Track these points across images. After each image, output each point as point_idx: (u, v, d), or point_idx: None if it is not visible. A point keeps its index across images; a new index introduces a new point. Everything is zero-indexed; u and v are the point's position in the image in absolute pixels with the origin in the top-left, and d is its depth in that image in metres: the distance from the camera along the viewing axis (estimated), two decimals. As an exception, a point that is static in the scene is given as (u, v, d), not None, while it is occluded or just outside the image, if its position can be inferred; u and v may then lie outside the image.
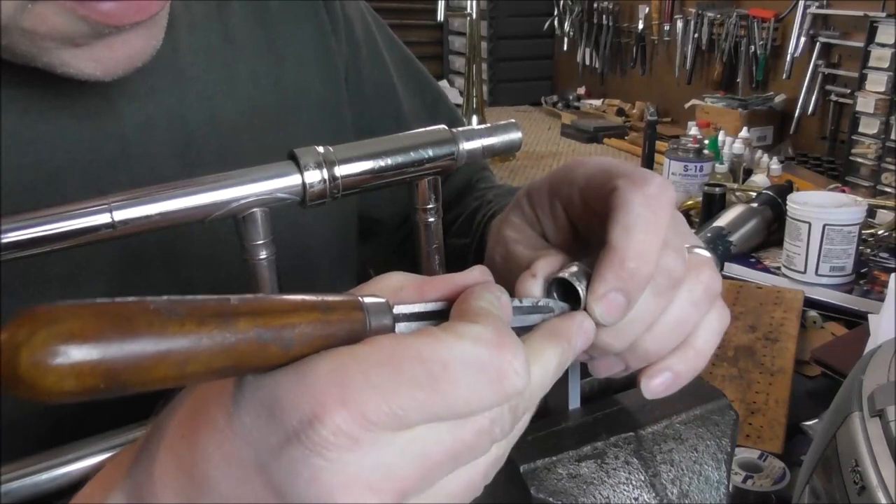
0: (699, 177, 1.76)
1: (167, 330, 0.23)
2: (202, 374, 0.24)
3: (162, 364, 0.23)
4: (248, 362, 0.25)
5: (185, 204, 0.38)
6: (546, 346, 0.29)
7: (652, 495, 0.37)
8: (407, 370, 0.25)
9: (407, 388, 0.24)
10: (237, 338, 0.24)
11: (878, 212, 1.54)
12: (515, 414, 0.27)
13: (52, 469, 0.36)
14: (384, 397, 0.24)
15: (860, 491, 0.48)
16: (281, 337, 0.25)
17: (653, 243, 0.32)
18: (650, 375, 0.35)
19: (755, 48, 4.46)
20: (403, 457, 0.25)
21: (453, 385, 0.25)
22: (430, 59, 6.56)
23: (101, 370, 0.21)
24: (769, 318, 1.02)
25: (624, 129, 5.13)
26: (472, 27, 4.94)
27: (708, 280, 0.35)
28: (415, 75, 0.72)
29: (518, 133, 0.47)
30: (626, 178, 0.33)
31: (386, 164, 0.43)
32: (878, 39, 3.33)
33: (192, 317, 0.23)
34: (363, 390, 0.24)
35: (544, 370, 0.29)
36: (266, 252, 0.41)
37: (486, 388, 0.25)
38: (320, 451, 0.24)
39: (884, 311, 0.94)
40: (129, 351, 0.22)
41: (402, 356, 0.25)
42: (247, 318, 0.24)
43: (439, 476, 0.26)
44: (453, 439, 0.26)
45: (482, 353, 0.26)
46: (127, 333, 0.22)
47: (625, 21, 5.63)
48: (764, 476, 0.74)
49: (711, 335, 0.36)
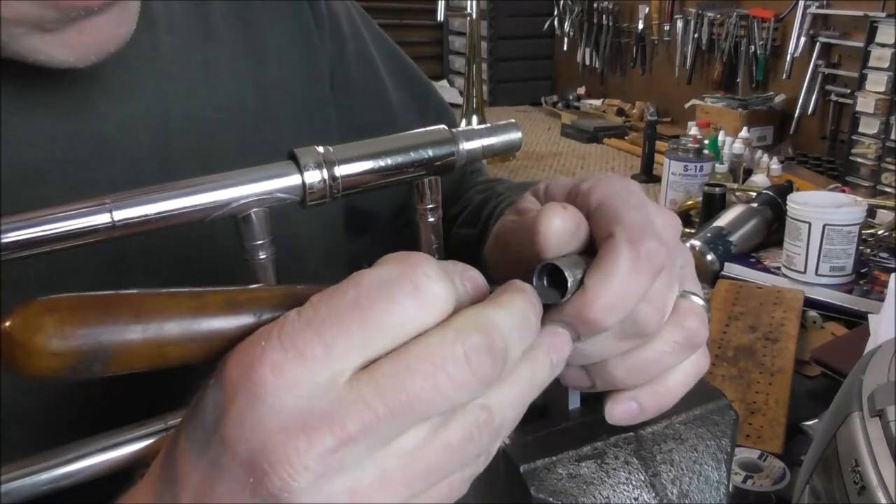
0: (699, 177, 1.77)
1: (142, 305, 0.25)
2: (179, 346, 0.25)
3: (142, 339, 0.25)
4: (222, 340, 0.26)
5: (185, 204, 0.38)
6: (504, 293, 0.29)
7: (652, 495, 0.37)
8: (333, 303, 0.26)
9: (334, 318, 0.25)
10: (209, 312, 0.26)
11: (878, 212, 1.54)
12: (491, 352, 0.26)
13: (52, 469, 0.36)
14: (316, 330, 0.25)
15: (860, 491, 0.48)
16: (249, 310, 0.26)
17: (624, 300, 0.31)
18: (615, 401, 0.35)
19: (755, 48, 4.46)
20: (343, 400, 0.25)
21: (373, 304, 0.25)
22: (430, 59, 6.57)
23: (86, 343, 0.24)
24: (769, 318, 1.02)
25: (624, 129, 5.14)
26: (472, 27, 4.95)
27: (692, 328, 0.34)
28: (403, 69, 0.72)
29: (518, 133, 0.47)
30: (625, 230, 0.32)
31: (386, 164, 0.43)
32: (878, 39, 3.33)
33: (165, 298, 0.26)
34: (297, 329, 0.25)
35: (508, 312, 0.27)
36: (266, 252, 0.41)
37: (405, 299, 0.26)
38: (260, 393, 0.24)
39: (884, 311, 0.94)
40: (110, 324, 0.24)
41: (330, 294, 0.26)
42: (218, 300, 0.26)
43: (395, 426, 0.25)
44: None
45: (391, 269, 0.26)
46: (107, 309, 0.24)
47: (625, 21, 5.64)
48: (764, 476, 0.74)
49: (685, 377, 0.36)
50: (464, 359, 0.25)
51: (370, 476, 0.25)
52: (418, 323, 0.26)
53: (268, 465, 0.24)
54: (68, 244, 0.36)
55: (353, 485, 0.25)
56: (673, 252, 0.35)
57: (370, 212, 0.69)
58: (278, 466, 0.24)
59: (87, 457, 0.37)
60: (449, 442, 0.26)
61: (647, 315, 0.33)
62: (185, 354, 0.26)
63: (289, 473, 0.24)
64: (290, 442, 0.24)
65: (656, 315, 0.33)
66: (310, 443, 0.24)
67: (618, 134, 5.09)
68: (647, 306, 0.33)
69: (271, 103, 0.59)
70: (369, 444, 0.25)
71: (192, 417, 0.27)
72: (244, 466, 0.25)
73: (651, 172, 4.10)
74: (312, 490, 0.24)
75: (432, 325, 0.26)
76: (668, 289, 0.34)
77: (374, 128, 0.47)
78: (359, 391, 0.25)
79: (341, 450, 0.24)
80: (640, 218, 0.32)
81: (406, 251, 0.28)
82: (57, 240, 0.35)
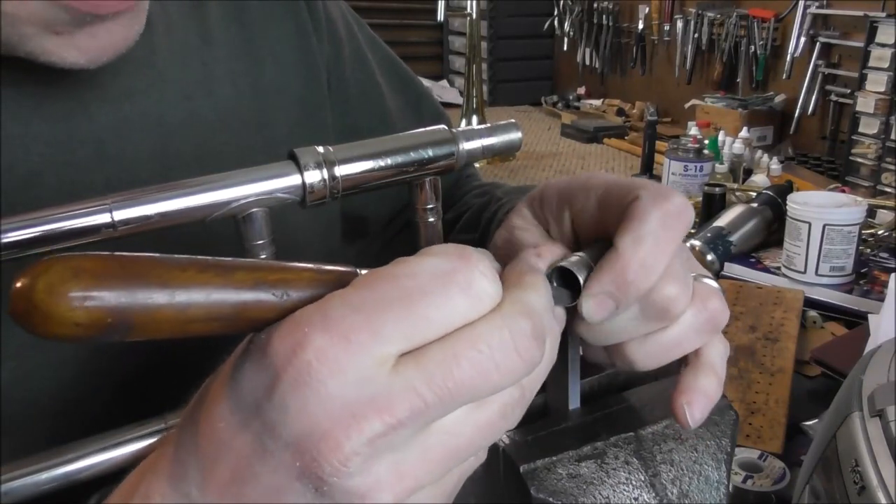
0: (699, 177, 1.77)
1: (171, 273, 0.24)
2: (203, 319, 0.25)
3: (166, 307, 0.24)
4: (247, 313, 0.26)
5: (185, 204, 0.38)
6: (525, 274, 0.29)
7: (652, 495, 0.37)
8: (379, 289, 0.26)
9: (382, 305, 0.25)
10: (236, 286, 0.25)
11: (878, 212, 1.54)
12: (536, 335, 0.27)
13: (52, 469, 0.36)
14: (363, 316, 0.25)
15: (860, 491, 0.48)
16: (276, 289, 0.26)
17: (658, 261, 0.32)
18: (690, 403, 0.35)
19: (755, 48, 4.46)
20: (391, 386, 0.25)
21: (425, 296, 0.26)
22: (430, 59, 6.57)
23: (109, 307, 0.23)
24: (769, 318, 1.02)
25: (624, 129, 5.13)
26: (472, 27, 4.95)
27: (714, 310, 0.34)
28: (398, 73, 0.72)
29: (518, 133, 0.47)
30: (649, 192, 0.33)
31: (386, 164, 0.43)
32: (878, 39, 3.33)
33: (195, 265, 0.25)
34: (342, 313, 0.25)
35: (538, 293, 0.28)
36: (266, 252, 0.41)
37: (457, 295, 0.26)
38: (305, 380, 0.24)
39: (884, 311, 0.94)
40: (136, 289, 0.23)
41: (376, 279, 0.26)
42: (245, 271, 0.26)
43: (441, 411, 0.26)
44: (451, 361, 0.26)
45: (446, 263, 0.27)
46: (134, 275, 0.24)
47: (625, 21, 5.64)
48: (764, 476, 0.74)
49: (720, 359, 0.36)
50: (512, 345, 0.26)
51: (414, 454, 0.26)
52: (467, 317, 0.26)
53: (316, 452, 0.24)
54: (68, 244, 0.36)
55: (398, 463, 0.25)
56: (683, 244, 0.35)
57: (363, 217, 0.69)
58: (328, 453, 0.24)
59: (86, 456, 0.37)
60: (487, 419, 0.27)
61: (673, 295, 0.33)
62: (208, 328, 0.26)
63: (339, 460, 0.24)
64: (339, 429, 0.24)
65: (682, 296, 0.33)
66: (360, 429, 0.24)
67: (618, 134, 5.09)
68: (674, 286, 0.33)
69: (268, 105, 0.58)
70: (416, 427, 0.25)
71: (230, 391, 0.26)
72: (290, 449, 0.25)
73: (651, 172, 4.09)
74: (361, 471, 0.25)
75: (478, 318, 0.26)
76: (687, 270, 0.34)
77: (369, 131, 0.47)
78: (407, 377, 0.25)
79: (390, 434, 0.25)
80: (659, 184, 0.33)
81: (461, 245, 0.28)
82: (57, 239, 0.35)
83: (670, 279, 0.33)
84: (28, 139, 0.46)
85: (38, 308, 0.22)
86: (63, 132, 0.47)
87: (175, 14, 0.54)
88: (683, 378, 0.35)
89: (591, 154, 4.87)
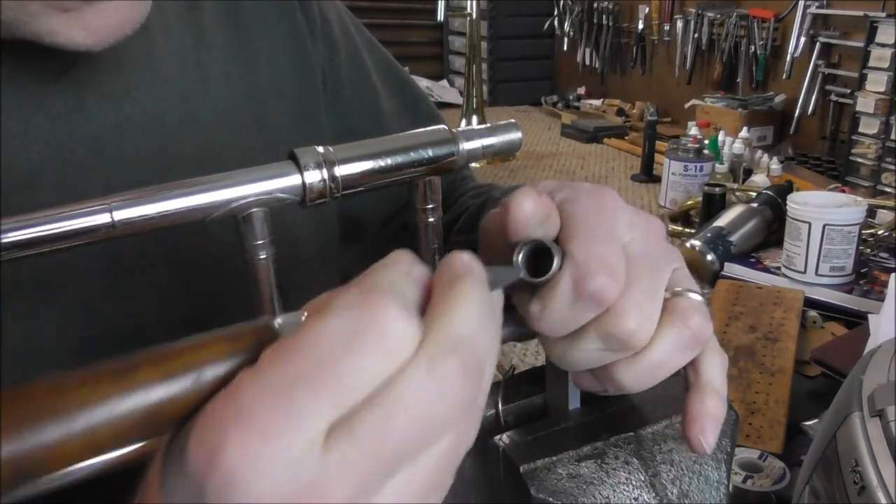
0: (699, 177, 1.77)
1: (63, 403, 0.22)
2: (113, 439, 0.22)
3: (68, 441, 0.22)
4: (162, 414, 0.23)
5: (185, 204, 0.38)
6: (452, 283, 0.26)
7: (652, 495, 0.37)
8: (291, 364, 0.23)
9: (297, 383, 0.23)
10: (141, 391, 0.23)
11: (878, 212, 1.54)
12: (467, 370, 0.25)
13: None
14: (280, 400, 0.22)
15: (860, 491, 0.48)
16: (187, 375, 0.23)
17: (561, 327, 0.33)
18: (703, 431, 0.35)
19: (755, 48, 4.46)
20: (327, 468, 0.23)
21: (339, 362, 0.23)
22: (430, 59, 6.57)
23: (10, 464, 0.21)
24: (769, 318, 1.02)
25: (624, 129, 5.13)
26: (472, 27, 4.95)
27: (695, 328, 0.34)
28: (394, 75, 0.72)
29: (518, 133, 0.47)
30: (574, 264, 0.33)
31: (386, 164, 0.43)
32: (878, 39, 3.33)
33: (87, 382, 0.22)
34: (257, 403, 0.22)
35: (467, 307, 0.26)
36: (266, 252, 0.41)
37: (372, 352, 0.23)
38: (232, 486, 0.22)
39: (884, 311, 0.94)
40: (27, 431, 0.21)
41: (286, 353, 0.23)
42: (147, 368, 0.23)
43: (383, 477, 0.24)
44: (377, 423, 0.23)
45: (351, 320, 0.24)
46: (21, 415, 0.21)
47: (625, 21, 5.63)
48: (764, 476, 0.74)
49: (720, 375, 0.36)
50: (442, 390, 0.24)
51: None
52: (389, 370, 0.24)
53: (217, 450, 0.22)
54: (68, 244, 0.36)
55: None
56: (658, 259, 0.35)
57: (358, 220, 0.69)
58: None
59: (87, 457, 0.37)
60: (437, 461, 0.25)
61: (632, 328, 0.33)
62: (128, 443, 0.23)
63: None
64: None
65: (642, 327, 0.33)
66: None
67: (618, 134, 5.09)
68: (632, 319, 0.33)
69: (265, 107, 0.58)
70: (363, 496, 0.23)
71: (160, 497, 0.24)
72: None
73: (651, 172, 4.10)
74: None
75: (402, 366, 0.24)
76: (652, 298, 0.34)
77: (363, 133, 0.46)
78: (340, 454, 0.23)
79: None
80: (595, 252, 0.33)
81: (365, 287, 0.25)
82: (57, 239, 0.35)
83: (629, 310, 0.33)
84: (28, 138, 0.46)
85: None
86: (63, 131, 0.47)
87: (172, 15, 0.54)
88: (690, 405, 0.35)
89: (591, 154, 4.87)
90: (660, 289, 0.35)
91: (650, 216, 0.37)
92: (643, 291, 0.34)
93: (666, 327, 0.34)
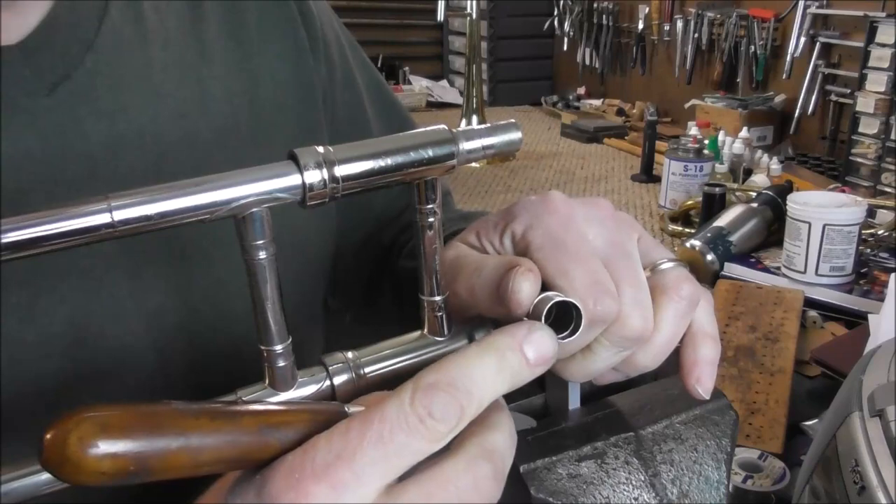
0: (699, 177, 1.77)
1: (186, 423, 0.28)
2: (212, 462, 0.28)
3: (181, 453, 0.27)
4: (252, 454, 0.29)
5: (185, 204, 0.38)
6: (491, 412, 0.32)
7: (652, 495, 0.37)
8: (357, 433, 0.29)
9: (361, 450, 0.29)
10: (242, 432, 0.29)
11: (878, 212, 1.54)
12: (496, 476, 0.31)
13: (52, 469, 0.36)
14: (345, 461, 0.28)
15: (860, 491, 0.48)
16: (278, 432, 0.30)
17: None
18: (699, 379, 0.38)
19: (755, 48, 4.46)
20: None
21: (394, 438, 0.29)
22: (430, 59, 6.56)
23: (131, 456, 0.26)
24: (769, 318, 1.02)
25: (624, 129, 5.14)
26: (472, 27, 4.95)
27: (690, 294, 0.37)
28: (384, 99, 0.72)
29: (518, 133, 0.47)
30: None
31: (386, 164, 0.43)
32: (878, 39, 3.33)
33: (206, 414, 0.28)
34: (327, 461, 0.28)
35: (499, 432, 0.32)
36: (266, 252, 0.41)
37: (421, 438, 0.29)
38: None
39: (884, 311, 0.94)
40: (156, 439, 0.27)
41: (355, 424, 0.30)
42: (251, 417, 0.29)
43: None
44: None
45: (401, 409, 0.30)
46: (154, 426, 0.27)
47: (625, 21, 5.64)
48: (764, 476, 0.74)
49: (708, 318, 0.39)
50: (475, 486, 0.30)
51: None
52: (429, 453, 0.30)
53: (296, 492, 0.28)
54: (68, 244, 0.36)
55: None
56: (624, 240, 0.38)
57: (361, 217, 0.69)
58: None
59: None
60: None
61: (639, 326, 0.36)
62: (216, 468, 0.29)
63: None
64: None
65: (646, 319, 0.36)
66: None
67: (618, 134, 5.09)
68: (636, 318, 0.36)
69: (265, 124, 0.58)
70: None
71: None
72: None
73: (651, 172, 4.10)
74: None
75: (444, 458, 0.30)
76: (641, 286, 0.37)
77: None
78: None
79: None
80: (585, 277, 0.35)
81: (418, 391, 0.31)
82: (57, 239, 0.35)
83: (630, 311, 0.36)
84: (18, 156, 0.45)
85: (69, 460, 0.25)
86: (55, 149, 0.46)
87: (173, 29, 0.53)
88: (684, 356, 0.38)
89: (591, 154, 4.87)
90: (640, 272, 0.37)
91: (595, 199, 0.40)
92: (633, 285, 0.36)
93: (664, 305, 0.37)
